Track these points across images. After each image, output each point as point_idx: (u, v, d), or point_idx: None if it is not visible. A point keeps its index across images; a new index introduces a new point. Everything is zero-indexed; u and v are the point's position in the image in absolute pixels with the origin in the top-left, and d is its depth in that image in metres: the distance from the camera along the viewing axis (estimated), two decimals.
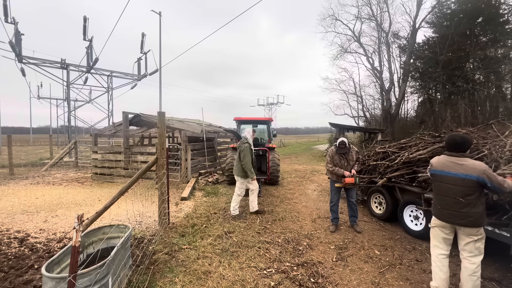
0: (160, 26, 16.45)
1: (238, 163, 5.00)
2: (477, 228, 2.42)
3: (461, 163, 2.46)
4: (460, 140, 2.54)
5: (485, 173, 2.32)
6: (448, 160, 2.55)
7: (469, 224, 2.42)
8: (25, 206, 5.63)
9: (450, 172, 2.49)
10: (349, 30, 20.87)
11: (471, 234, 2.45)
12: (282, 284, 2.81)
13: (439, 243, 2.67)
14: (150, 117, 9.28)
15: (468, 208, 2.40)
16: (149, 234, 4.10)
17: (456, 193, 2.45)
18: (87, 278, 2.02)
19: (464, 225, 2.45)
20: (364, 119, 22.52)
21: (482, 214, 2.41)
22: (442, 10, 14.46)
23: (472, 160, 2.48)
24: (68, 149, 13.29)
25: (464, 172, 2.40)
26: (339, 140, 4.28)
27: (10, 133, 20.36)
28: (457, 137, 2.60)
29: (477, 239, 2.44)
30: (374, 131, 14.86)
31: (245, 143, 4.99)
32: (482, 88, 12.42)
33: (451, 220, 2.51)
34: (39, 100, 27.85)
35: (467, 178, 2.39)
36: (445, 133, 5.12)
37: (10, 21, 14.18)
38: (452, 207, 2.48)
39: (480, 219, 2.40)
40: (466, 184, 2.40)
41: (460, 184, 2.43)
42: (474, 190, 2.38)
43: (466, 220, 2.42)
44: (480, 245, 2.45)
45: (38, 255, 3.39)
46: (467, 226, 2.44)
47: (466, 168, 2.41)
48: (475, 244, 2.44)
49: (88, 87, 20.46)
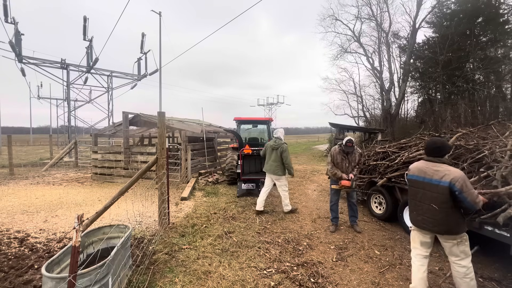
0: (160, 26, 16.47)
1: (278, 163, 5.09)
2: (452, 235, 2.36)
3: (436, 169, 2.37)
4: (439, 144, 2.47)
5: (458, 180, 2.21)
6: (425, 166, 2.47)
7: (443, 232, 2.36)
8: (25, 206, 5.63)
9: (425, 178, 2.41)
10: (349, 30, 20.88)
11: (449, 240, 2.39)
12: (282, 284, 2.81)
13: (418, 246, 2.60)
14: (150, 117, 9.28)
15: (442, 216, 2.33)
16: (149, 234, 4.10)
17: (431, 200, 2.37)
18: (87, 278, 2.02)
19: (438, 232, 2.40)
20: (364, 119, 22.52)
21: (458, 222, 2.32)
22: (442, 10, 14.46)
23: (448, 166, 2.37)
24: (68, 149, 13.29)
25: (438, 178, 2.32)
26: (346, 139, 4.25)
27: (10, 133, 20.36)
28: (437, 141, 2.53)
29: (459, 242, 2.37)
30: (374, 131, 14.85)
31: (283, 143, 5.16)
32: (482, 88, 12.42)
33: (425, 226, 2.45)
34: (39, 100, 27.84)
35: (440, 184, 2.30)
36: (445, 133, 5.13)
37: (10, 21, 14.17)
38: (427, 213, 2.41)
39: (455, 227, 2.32)
40: (440, 191, 2.31)
41: (434, 190, 2.35)
42: (449, 198, 2.28)
43: (440, 228, 2.36)
44: (464, 248, 2.37)
45: (38, 255, 3.39)
46: (442, 234, 2.39)
47: (441, 174, 2.31)
48: (458, 248, 2.37)
49: (88, 87, 20.46)
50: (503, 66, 12.05)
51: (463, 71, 12.46)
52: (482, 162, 3.59)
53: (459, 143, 4.05)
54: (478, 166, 3.60)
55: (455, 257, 2.41)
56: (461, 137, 4.40)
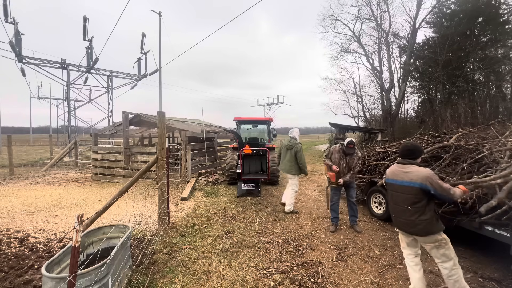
0: (160, 26, 16.47)
1: (292, 162, 5.16)
2: (428, 236, 2.37)
3: (406, 171, 2.43)
4: (411, 147, 2.54)
5: (427, 180, 2.28)
6: (397, 169, 2.54)
7: (419, 232, 2.40)
8: (25, 206, 5.63)
9: (397, 180, 2.48)
10: (349, 30, 20.89)
11: (427, 242, 2.42)
12: (282, 284, 2.81)
13: (406, 246, 2.67)
14: (150, 117, 9.28)
15: (416, 216, 2.36)
16: (149, 234, 4.10)
17: (404, 201, 2.43)
18: (87, 278, 2.02)
19: (414, 233, 2.45)
20: (364, 119, 22.53)
21: (431, 221, 2.34)
22: (442, 10, 14.46)
23: (417, 167, 2.42)
24: (68, 149, 13.29)
25: (409, 180, 2.38)
26: (348, 140, 4.26)
27: (10, 133, 20.36)
28: (409, 144, 2.62)
29: (437, 246, 2.37)
30: (374, 131, 14.86)
31: (297, 143, 5.26)
32: (482, 88, 12.42)
33: (403, 228, 2.52)
34: (39, 100, 27.82)
35: (411, 185, 2.36)
36: (445, 133, 5.13)
37: (10, 21, 14.16)
38: (402, 215, 2.47)
39: (429, 226, 2.34)
40: (412, 191, 2.36)
41: (406, 192, 2.40)
42: (421, 198, 2.33)
43: (415, 229, 2.40)
44: (444, 252, 2.36)
45: (38, 255, 3.39)
46: (418, 235, 2.43)
47: (411, 176, 2.38)
48: (438, 251, 2.38)
49: (88, 87, 20.44)
50: (503, 66, 12.06)
51: (463, 71, 12.46)
52: (482, 162, 3.60)
53: (459, 143, 4.05)
54: (478, 166, 3.61)
55: (437, 259, 2.45)
56: (461, 137, 4.40)
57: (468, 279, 2.62)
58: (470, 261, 3.37)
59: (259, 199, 6.21)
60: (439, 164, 3.98)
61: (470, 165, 3.67)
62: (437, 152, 4.24)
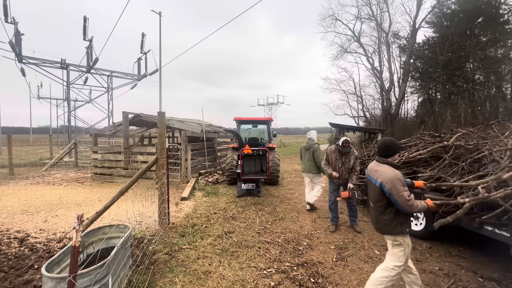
0: (160, 26, 16.47)
1: (311, 162, 5.37)
2: (386, 235, 2.39)
3: (376, 169, 2.40)
4: (387, 143, 2.46)
5: (387, 182, 2.21)
6: (373, 165, 2.51)
7: (379, 230, 2.44)
8: (25, 206, 5.63)
9: (370, 177, 2.48)
10: (349, 30, 20.88)
11: (388, 239, 2.43)
12: (282, 284, 2.81)
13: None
14: (150, 117, 9.28)
15: (377, 214, 2.39)
16: (149, 234, 4.10)
17: (371, 198, 2.46)
18: (87, 278, 2.02)
19: (377, 230, 2.50)
20: (364, 119, 22.52)
21: (390, 223, 2.31)
22: (442, 10, 14.46)
23: (387, 166, 2.34)
24: (68, 149, 13.29)
25: (375, 178, 2.36)
26: (343, 139, 4.27)
27: (10, 133, 20.36)
28: (386, 140, 2.54)
29: (394, 244, 2.36)
30: (374, 131, 14.85)
31: (314, 143, 5.47)
32: (482, 88, 12.42)
33: (373, 224, 2.56)
34: (39, 100, 27.88)
35: (376, 184, 2.35)
36: (445, 133, 5.12)
37: (10, 21, 14.18)
38: (371, 211, 2.52)
39: (386, 227, 2.33)
40: (376, 190, 2.36)
41: (373, 189, 2.41)
42: (381, 198, 2.32)
43: (377, 226, 2.44)
44: (397, 252, 2.33)
45: (38, 255, 3.39)
46: (379, 232, 2.48)
47: (378, 174, 2.34)
48: (392, 249, 2.38)
49: (88, 87, 20.47)
50: (503, 66, 12.06)
51: (463, 71, 12.46)
52: (482, 162, 3.59)
53: (459, 143, 4.05)
54: (478, 166, 3.61)
55: (388, 254, 2.45)
56: (461, 137, 4.40)
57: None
58: (470, 261, 3.37)
59: (259, 199, 6.22)
60: (439, 164, 3.98)
61: (470, 165, 3.67)
62: (437, 152, 4.24)
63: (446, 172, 3.82)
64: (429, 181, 3.86)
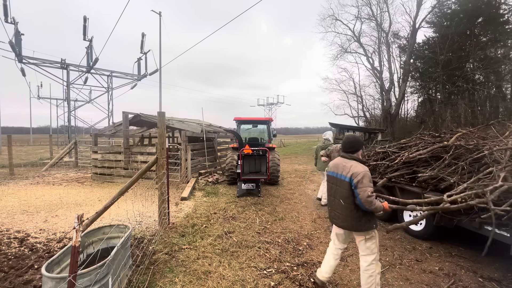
0: (160, 26, 16.47)
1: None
2: (357, 232, 2.41)
3: (344, 164, 2.42)
4: (352, 139, 2.56)
5: (357, 176, 2.25)
6: (339, 162, 2.53)
7: (348, 227, 2.42)
8: (25, 206, 5.63)
9: (337, 173, 2.47)
10: (349, 30, 20.88)
11: (358, 235, 2.45)
12: (282, 284, 2.81)
13: (335, 239, 2.68)
14: (150, 117, 9.28)
15: (347, 212, 2.38)
16: (149, 234, 4.10)
17: (340, 195, 2.43)
18: (87, 278, 2.02)
19: (344, 228, 2.47)
20: (364, 119, 22.53)
21: (360, 219, 2.34)
22: (442, 10, 14.46)
23: (356, 163, 2.39)
24: (68, 149, 13.29)
25: (345, 174, 2.37)
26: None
27: (10, 133, 20.36)
28: (350, 136, 2.62)
29: (367, 239, 2.41)
30: (374, 131, 14.85)
31: (330, 143, 5.84)
32: (482, 88, 12.42)
33: (335, 221, 2.54)
34: (39, 100, 27.87)
35: (345, 180, 2.35)
36: (445, 133, 5.12)
37: (10, 21, 14.17)
38: (338, 209, 2.47)
39: (356, 224, 2.36)
40: (345, 186, 2.36)
41: (342, 185, 2.40)
42: (351, 193, 2.32)
43: (345, 223, 2.42)
44: (370, 245, 2.40)
45: (38, 255, 3.39)
46: (346, 229, 2.47)
47: (346, 170, 2.36)
48: (365, 243, 2.42)
49: (88, 87, 20.46)
50: (503, 66, 12.05)
51: (463, 71, 12.46)
52: (482, 162, 3.59)
53: (459, 143, 4.05)
54: (478, 166, 3.61)
55: (362, 251, 2.47)
56: (461, 137, 4.39)
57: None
58: (470, 261, 3.37)
59: (259, 199, 6.22)
60: (439, 164, 3.98)
61: (470, 165, 3.67)
62: (437, 152, 4.23)
63: (446, 172, 3.81)
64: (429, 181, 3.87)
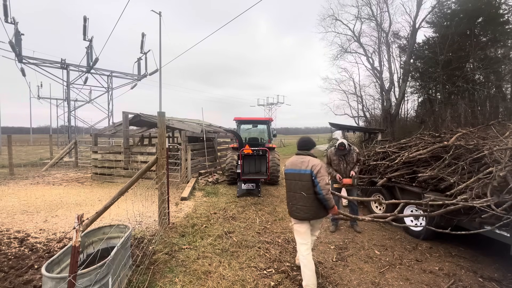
0: (160, 25, 16.46)
1: None
2: (316, 219, 2.77)
3: (302, 160, 2.75)
4: (306, 139, 2.97)
5: (316, 167, 2.61)
6: (296, 159, 2.83)
7: (310, 217, 2.70)
8: (25, 206, 5.63)
9: (296, 169, 2.74)
10: (349, 30, 20.83)
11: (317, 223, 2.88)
12: (282, 284, 2.81)
13: (302, 240, 2.78)
14: (150, 117, 9.28)
15: (309, 202, 2.65)
16: (149, 234, 4.10)
17: (301, 188, 2.68)
18: (87, 278, 2.02)
19: (306, 218, 2.71)
20: (364, 119, 22.48)
21: (320, 207, 2.68)
22: (442, 10, 14.44)
23: (311, 157, 2.76)
24: (68, 149, 13.29)
25: (304, 168, 2.66)
26: (338, 142, 4.30)
27: (10, 133, 20.35)
28: (304, 137, 3.04)
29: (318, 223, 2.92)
30: (374, 131, 14.83)
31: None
32: (482, 88, 12.41)
33: (298, 215, 2.72)
34: (39, 100, 27.83)
35: (306, 173, 2.65)
36: (445, 133, 5.12)
37: (10, 21, 14.18)
38: (299, 202, 2.70)
39: (317, 211, 2.69)
40: (306, 178, 2.65)
41: (303, 179, 2.67)
42: (312, 185, 2.63)
43: (308, 214, 2.68)
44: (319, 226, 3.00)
45: (38, 255, 3.39)
46: (309, 219, 2.73)
47: (305, 164, 2.67)
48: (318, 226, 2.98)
49: (88, 87, 20.48)
50: (503, 66, 12.04)
51: (463, 71, 12.45)
52: (482, 162, 3.59)
53: (459, 143, 4.05)
54: (478, 166, 3.61)
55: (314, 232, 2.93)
56: (461, 137, 4.39)
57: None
58: (470, 261, 3.37)
59: (259, 199, 6.22)
60: (439, 164, 3.98)
61: (470, 165, 3.67)
62: (437, 152, 4.23)
63: (446, 172, 3.82)
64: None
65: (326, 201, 2.60)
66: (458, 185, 3.45)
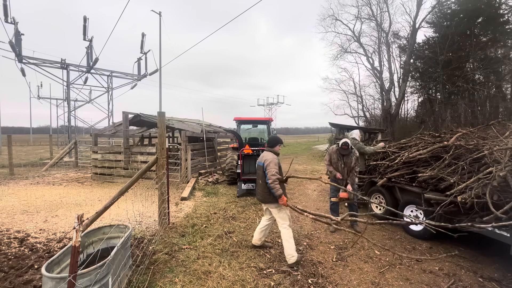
0: (160, 26, 16.45)
1: None
2: (269, 203, 3.31)
3: (263, 155, 3.42)
4: (273, 138, 3.56)
5: (267, 161, 3.25)
6: (262, 154, 3.48)
7: (263, 200, 3.37)
8: (25, 206, 5.63)
9: (259, 161, 3.41)
10: (349, 30, 20.82)
11: (272, 208, 3.33)
12: (282, 284, 2.81)
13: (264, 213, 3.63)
14: (150, 117, 9.27)
15: (262, 188, 3.32)
16: (149, 234, 4.10)
17: (259, 177, 3.38)
18: (87, 278, 2.02)
19: (261, 201, 3.44)
20: (364, 119, 22.46)
21: (269, 194, 3.22)
22: (442, 10, 14.44)
23: (271, 153, 3.38)
24: (68, 149, 13.29)
25: (262, 161, 3.34)
26: (342, 141, 4.27)
27: (10, 133, 20.35)
28: (273, 136, 3.70)
29: (278, 210, 3.28)
30: (374, 131, 14.82)
31: (357, 143, 5.45)
32: (482, 88, 12.40)
33: (259, 198, 3.47)
34: (39, 100, 27.86)
35: (261, 164, 3.33)
36: (445, 133, 5.12)
37: (10, 21, 14.18)
38: (259, 187, 3.43)
39: (267, 197, 3.26)
40: (261, 169, 3.32)
41: (261, 169, 3.33)
42: (264, 174, 3.25)
43: (261, 198, 3.36)
44: (282, 215, 3.29)
45: (38, 255, 3.39)
46: (263, 202, 3.41)
47: (263, 158, 3.35)
48: (278, 214, 3.30)
49: (88, 87, 20.48)
50: (503, 66, 12.03)
51: (463, 71, 12.44)
52: (482, 162, 3.59)
53: (459, 143, 4.05)
54: (478, 166, 3.60)
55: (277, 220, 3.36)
56: (461, 137, 4.39)
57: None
58: (470, 261, 3.37)
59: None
60: (439, 164, 3.98)
61: (470, 165, 3.66)
62: (437, 152, 4.23)
63: (446, 172, 3.81)
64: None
65: (272, 189, 3.12)
66: (458, 185, 3.45)
